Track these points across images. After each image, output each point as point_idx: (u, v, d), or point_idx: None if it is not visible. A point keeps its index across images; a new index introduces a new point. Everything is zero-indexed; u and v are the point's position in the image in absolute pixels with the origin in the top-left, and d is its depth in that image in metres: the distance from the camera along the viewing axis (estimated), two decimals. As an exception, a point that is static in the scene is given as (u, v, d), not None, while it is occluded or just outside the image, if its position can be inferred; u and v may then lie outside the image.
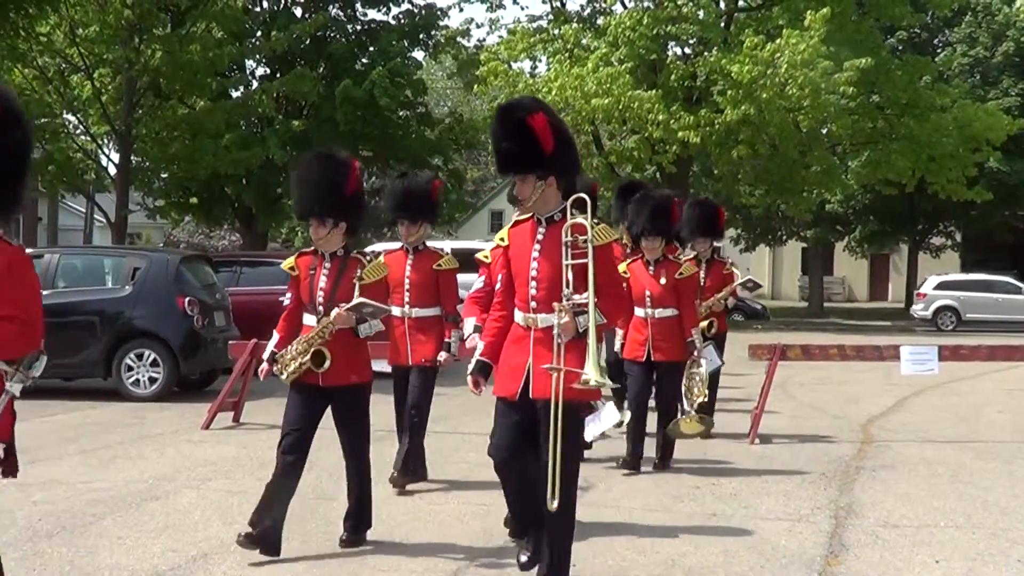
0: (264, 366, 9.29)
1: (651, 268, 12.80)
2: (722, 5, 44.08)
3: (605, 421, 7.57)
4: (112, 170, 38.48)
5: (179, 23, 36.53)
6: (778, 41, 37.97)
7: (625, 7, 42.93)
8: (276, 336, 9.31)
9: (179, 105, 38.74)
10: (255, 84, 42.88)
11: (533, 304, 7.61)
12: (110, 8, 34.18)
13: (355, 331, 9.02)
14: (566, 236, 7.51)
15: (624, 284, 13.48)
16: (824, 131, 43.86)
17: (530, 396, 7.56)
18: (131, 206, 39.47)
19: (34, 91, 36.01)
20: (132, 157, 37.44)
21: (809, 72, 37.42)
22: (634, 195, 13.50)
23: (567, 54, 42.76)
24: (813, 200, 47.43)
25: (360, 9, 46.07)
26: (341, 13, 45.54)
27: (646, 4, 42.19)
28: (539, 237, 7.69)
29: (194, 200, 43.64)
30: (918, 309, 47.12)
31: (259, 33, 43.47)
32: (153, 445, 14.01)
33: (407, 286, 11.57)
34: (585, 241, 7.45)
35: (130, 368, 18.77)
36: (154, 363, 19.02)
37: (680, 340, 12.61)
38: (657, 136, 39.58)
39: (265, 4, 44.01)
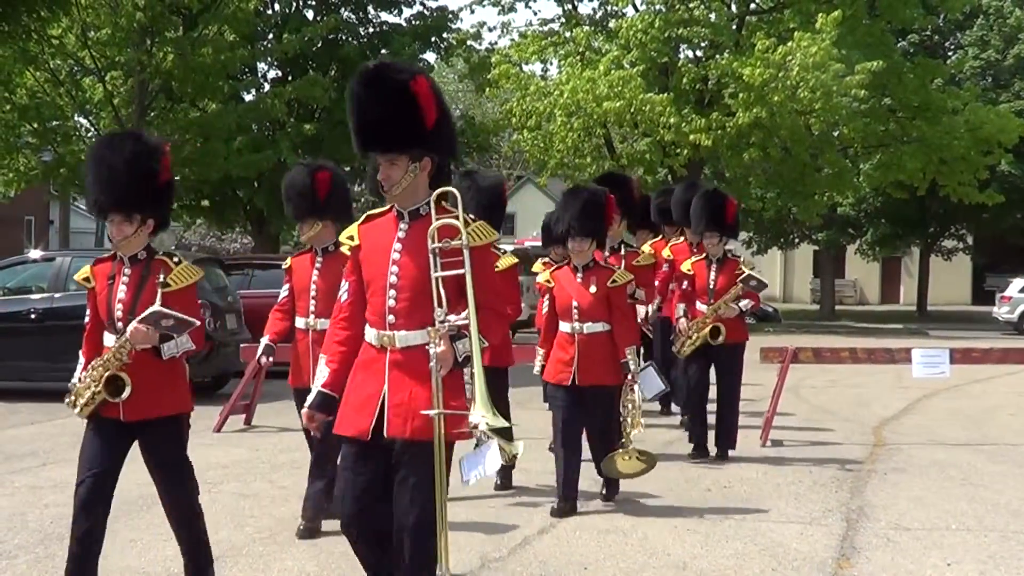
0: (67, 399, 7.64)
1: (579, 275, 10.96)
2: (734, 8, 44.03)
3: (489, 464, 6.06)
4: (124, 173, 38.50)
5: (191, 26, 36.57)
6: (790, 44, 37.92)
7: (637, 10, 42.86)
8: (80, 363, 7.66)
9: (191, 108, 38.80)
10: (267, 87, 42.88)
11: (391, 319, 6.24)
12: (122, 11, 34.24)
13: (158, 351, 7.36)
14: (432, 241, 6.21)
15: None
16: (835, 134, 43.77)
17: (384, 435, 6.20)
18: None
19: (46, 94, 36.14)
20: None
21: (821, 75, 37.37)
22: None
23: (579, 57, 42.74)
24: (824, 203, 47.33)
25: (372, 12, 46.06)
26: (353, 16, 45.51)
27: (658, 7, 42.07)
28: (400, 235, 6.35)
29: (206, 203, 43.69)
30: (1003, 312, 46.67)
31: (271, 36, 43.51)
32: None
33: (312, 292, 10.14)
34: (461, 246, 6.18)
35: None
36: (166, 366, 19.00)
37: (612, 360, 10.66)
38: (669, 139, 39.55)
39: (277, 7, 43.99)
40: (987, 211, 52.13)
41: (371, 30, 45.99)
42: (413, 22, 45.97)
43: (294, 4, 44.34)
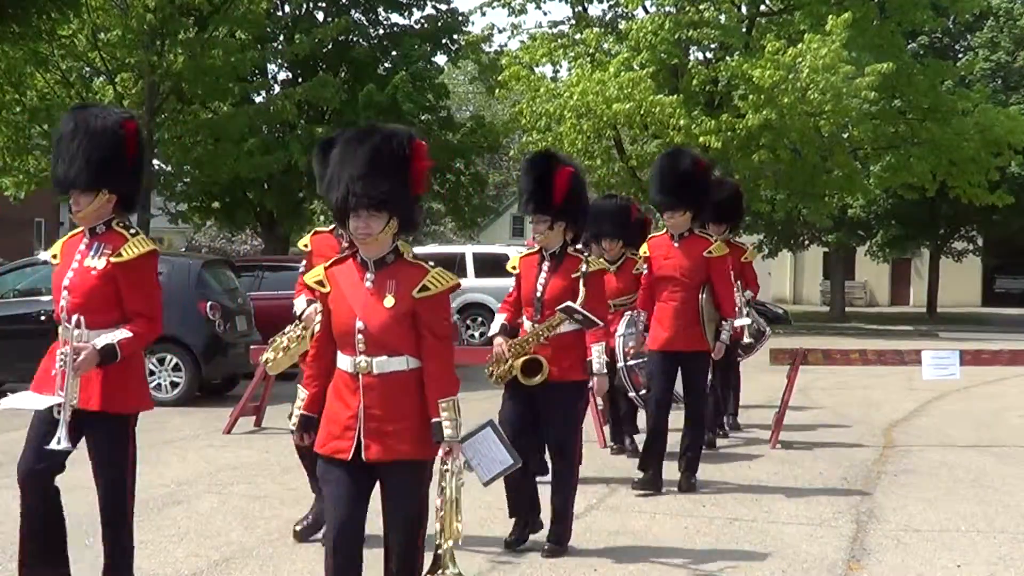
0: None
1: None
2: (744, 10, 44.02)
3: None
4: (134, 175, 38.60)
5: (201, 27, 36.60)
6: (800, 46, 37.92)
7: (647, 12, 42.87)
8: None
9: (201, 110, 38.84)
10: (277, 89, 42.93)
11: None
12: (132, 12, 34.27)
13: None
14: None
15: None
16: (845, 136, 43.76)
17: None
18: (153, 210, 39.64)
19: (56, 95, 36.16)
20: (154, 162, 37.54)
21: (831, 77, 37.35)
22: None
23: (588, 58, 42.76)
24: (834, 205, 47.32)
25: (382, 14, 46.11)
26: (363, 17, 45.57)
27: (668, 9, 42.10)
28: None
29: (216, 205, 43.70)
30: None
31: (281, 37, 43.58)
32: (175, 450, 14.05)
33: None
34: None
35: (152, 373, 18.66)
36: (176, 368, 19.03)
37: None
38: (678, 141, 39.33)
39: (287, 8, 44.05)
40: (997, 213, 52.07)
41: (381, 32, 46.07)
42: (423, 24, 46.02)
43: (304, 6, 44.39)
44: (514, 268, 9.94)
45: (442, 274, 6.52)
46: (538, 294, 9.54)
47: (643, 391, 12.56)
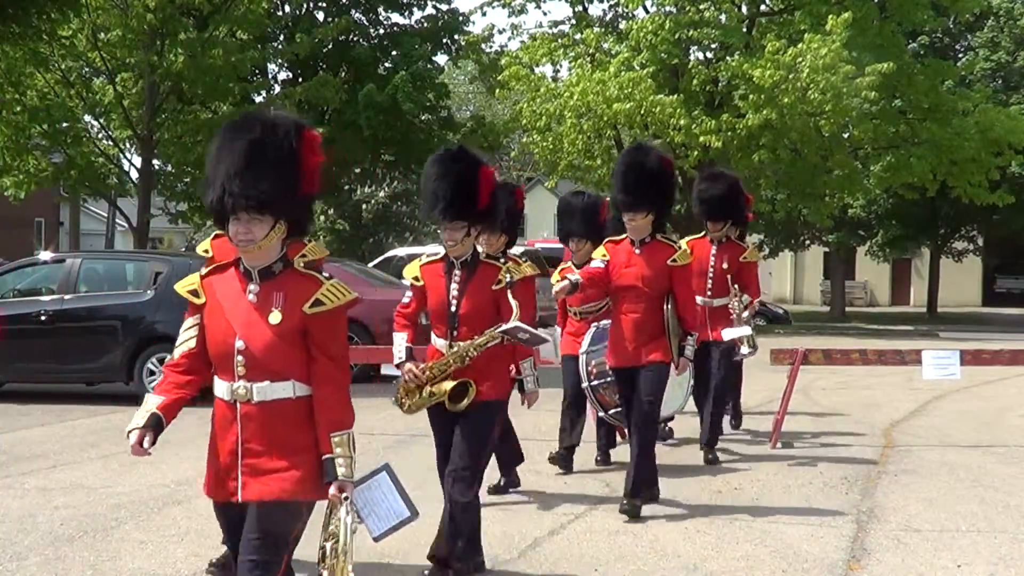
0: None
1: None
2: (744, 10, 44.00)
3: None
4: (134, 175, 38.74)
5: (202, 27, 36.60)
6: (800, 46, 37.91)
7: (647, 12, 42.87)
8: None
9: (201, 109, 38.84)
10: (277, 88, 42.95)
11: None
12: (132, 12, 34.30)
13: None
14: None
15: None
16: (846, 136, 43.78)
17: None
18: (153, 211, 39.65)
19: (56, 95, 36.20)
20: (154, 161, 37.61)
21: (831, 76, 37.34)
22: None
23: (589, 58, 42.78)
24: (834, 205, 47.32)
25: (383, 13, 46.16)
26: (363, 17, 45.66)
27: (668, 9, 42.10)
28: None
29: (216, 205, 43.68)
30: None
31: (281, 37, 43.63)
32: (175, 450, 14.02)
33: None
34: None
35: (152, 373, 18.61)
36: (176, 367, 19.02)
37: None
38: (679, 141, 39.48)
39: (287, 8, 44.11)
40: (998, 212, 52.14)
41: (381, 32, 46.14)
42: (424, 24, 46.05)
43: (305, 6, 44.49)
44: (416, 279, 8.65)
45: (338, 287, 5.79)
46: (452, 308, 8.41)
47: (612, 410, 12.05)
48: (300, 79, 42.28)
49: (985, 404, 19.99)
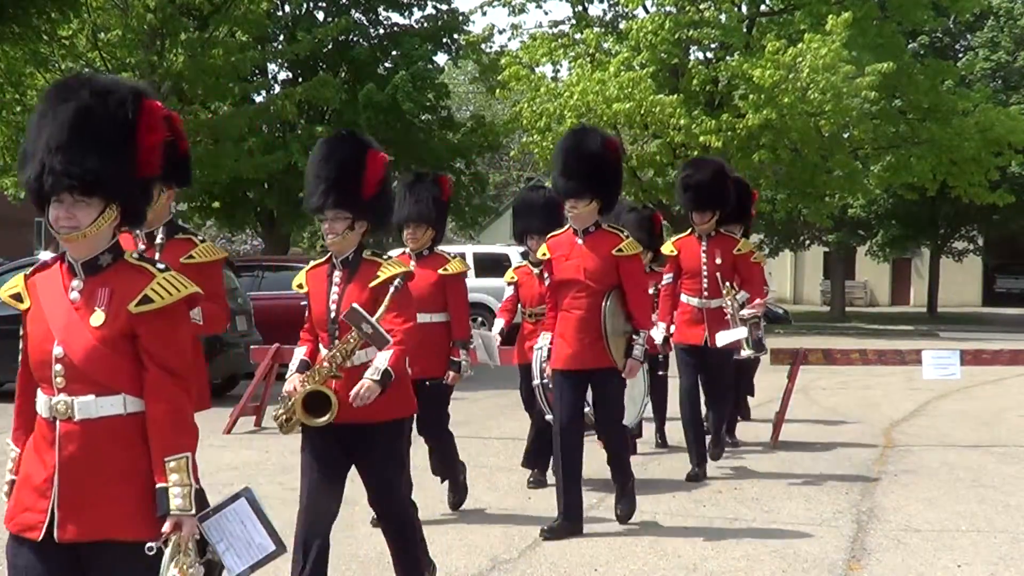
0: None
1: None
2: (744, 9, 44.04)
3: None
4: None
5: (202, 27, 36.60)
6: (800, 45, 37.95)
7: (647, 12, 42.89)
8: None
9: (202, 110, 38.81)
10: (277, 89, 42.94)
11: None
12: (133, 13, 34.27)
13: None
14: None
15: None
16: (846, 135, 43.82)
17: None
18: (153, 211, 39.59)
19: (57, 96, 36.14)
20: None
21: (831, 76, 37.38)
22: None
23: (589, 58, 42.80)
24: (834, 205, 47.36)
25: (383, 13, 46.15)
26: (363, 17, 45.60)
27: (668, 8, 42.13)
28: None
29: (216, 204, 43.72)
30: None
31: (281, 37, 43.63)
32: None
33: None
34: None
35: (152, 372, 18.62)
36: (176, 367, 18.99)
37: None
38: (679, 141, 39.53)
39: (287, 8, 44.08)
40: (998, 212, 52.18)
41: (381, 31, 46.10)
42: (424, 24, 46.04)
43: (305, 6, 44.44)
44: (300, 286, 7.70)
45: (173, 279, 4.71)
46: (331, 314, 7.33)
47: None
48: (300, 79, 42.24)
49: (985, 404, 20.00)
